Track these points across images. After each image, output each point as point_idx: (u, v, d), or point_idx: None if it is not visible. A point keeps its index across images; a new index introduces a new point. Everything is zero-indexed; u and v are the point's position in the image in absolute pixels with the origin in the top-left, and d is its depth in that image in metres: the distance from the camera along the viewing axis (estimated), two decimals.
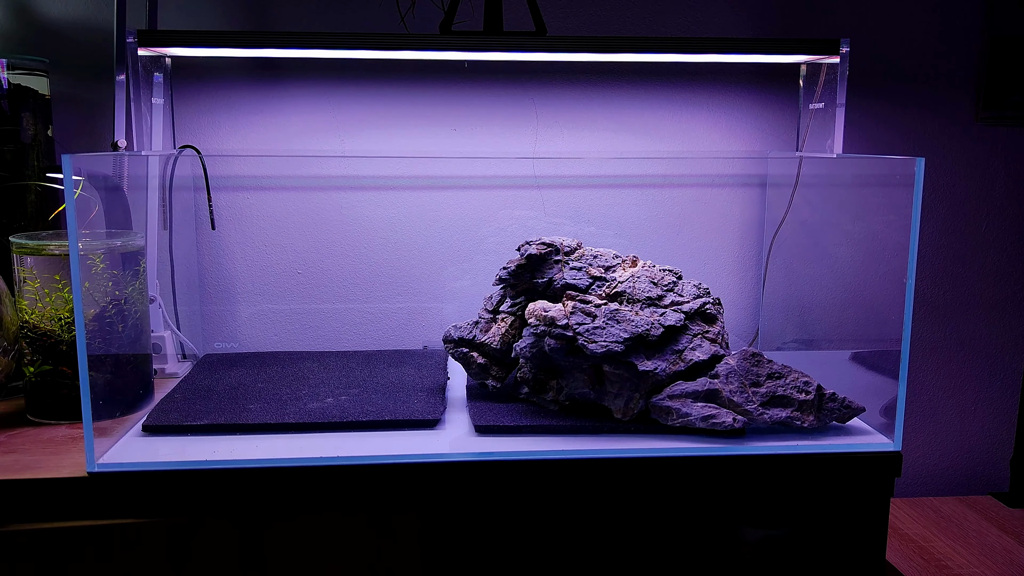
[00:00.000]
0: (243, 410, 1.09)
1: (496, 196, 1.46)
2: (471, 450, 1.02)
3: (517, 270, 1.16)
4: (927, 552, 1.37)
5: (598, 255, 1.17)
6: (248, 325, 1.46)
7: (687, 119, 1.48)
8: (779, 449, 1.03)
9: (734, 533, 1.06)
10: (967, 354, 1.61)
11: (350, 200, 1.45)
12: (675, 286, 1.14)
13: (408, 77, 1.42)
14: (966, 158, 1.54)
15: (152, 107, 1.26)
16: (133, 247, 1.14)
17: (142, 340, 1.16)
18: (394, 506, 0.99)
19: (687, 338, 1.09)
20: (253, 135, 1.42)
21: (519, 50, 1.18)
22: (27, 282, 1.10)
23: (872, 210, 1.23)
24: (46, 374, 1.11)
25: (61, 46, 1.36)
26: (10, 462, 0.98)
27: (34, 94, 1.25)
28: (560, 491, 1.02)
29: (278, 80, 1.41)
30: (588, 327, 1.06)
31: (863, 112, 1.49)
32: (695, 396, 1.05)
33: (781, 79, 1.47)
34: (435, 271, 1.47)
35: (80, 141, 1.36)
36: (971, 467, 1.64)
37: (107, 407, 1.05)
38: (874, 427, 1.10)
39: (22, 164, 1.24)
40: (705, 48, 1.20)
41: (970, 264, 1.58)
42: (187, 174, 1.38)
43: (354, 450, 1.00)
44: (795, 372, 1.09)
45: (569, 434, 1.06)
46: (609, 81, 1.45)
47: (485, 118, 1.44)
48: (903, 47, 1.49)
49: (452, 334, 1.18)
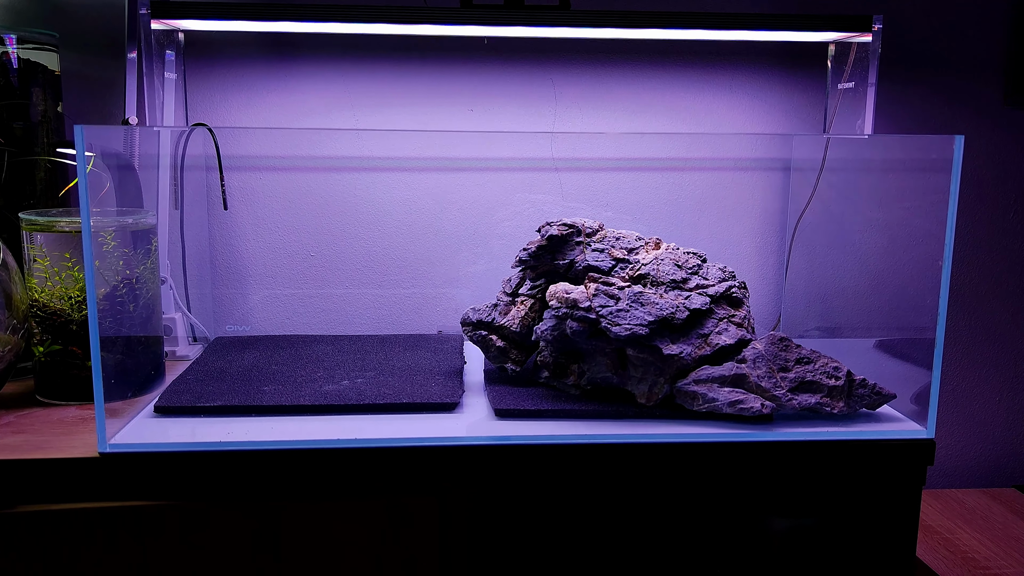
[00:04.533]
0: (257, 392, 1.07)
1: (512, 179, 1.43)
2: (491, 434, 0.99)
3: (538, 251, 1.13)
4: (952, 544, 1.34)
5: (620, 237, 1.14)
6: (260, 308, 1.44)
7: (709, 100, 1.44)
8: (808, 436, 1.00)
9: (761, 522, 1.04)
10: (991, 344, 1.58)
11: (364, 181, 1.42)
12: (700, 269, 1.11)
13: (425, 55, 1.39)
14: (993, 143, 1.51)
15: (164, 83, 1.23)
16: (145, 225, 1.11)
17: (153, 320, 1.13)
18: (412, 490, 0.97)
19: (713, 322, 1.06)
20: (266, 113, 1.39)
21: (542, 24, 1.14)
22: (37, 260, 1.08)
23: (900, 194, 1.20)
24: (56, 354, 1.09)
25: (72, 21, 1.33)
26: (19, 442, 0.96)
27: (44, 70, 1.23)
28: (582, 477, 0.99)
29: (292, 57, 1.38)
30: (611, 310, 1.03)
31: (887, 95, 1.46)
32: (722, 381, 1.02)
33: (806, 59, 1.43)
34: (450, 255, 1.44)
35: (91, 118, 1.33)
36: (996, 459, 1.61)
37: (118, 388, 1.02)
38: (904, 414, 1.07)
39: (32, 140, 1.21)
40: (736, 24, 1.16)
41: (996, 251, 1.54)
42: (199, 153, 1.35)
43: (372, 433, 0.98)
44: (824, 357, 1.06)
45: (591, 419, 1.03)
46: (629, 60, 1.42)
47: (503, 98, 1.41)
48: (930, 29, 1.45)
49: (470, 316, 1.15)
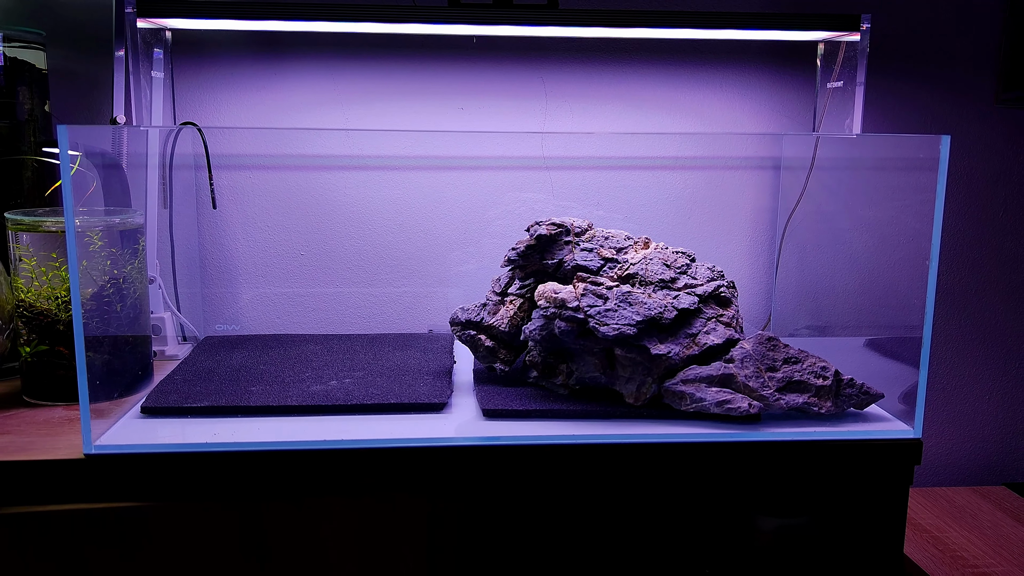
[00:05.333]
0: (245, 392, 1.06)
1: (503, 178, 1.43)
2: (479, 434, 0.99)
3: (526, 251, 1.12)
4: (941, 543, 1.34)
5: (609, 236, 1.14)
6: (249, 307, 1.43)
7: (699, 98, 1.44)
8: (796, 436, 1.00)
9: (749, 521, 1.04)
10: (982, 342, 1.58)
11: (354, 180, 1.41)
12: (688, 268, 1.11)
13: (414, 53, 1.39)
14: (984, 141, 1.51)
15: (152, 81, 1.22)
16: (132, 224, 1.11)
17: (141, 320, 1.13)
18: (400, 491, 0.97)
19: (701, 321, 1.06)
20: (255, 112, 1.38)
21: (530, 23, 1.14)
22: (23, 260, 1.07)
23: (889, 193, 1.19)
24: (42, 354, 1.08)
25: (58, 19, 1.32)
26: (5, 443, 0.95)
27: (31, 68, 1.22)
28: (570, 477, 0.99)
29: (281, 56, 1.37)
30: (600, 309, 1.03)
31: (879, 93, 1.46)
32: (709, 381, 1.02)
33: (796, 57, 1.43)
34: (441, 254, 1.44)
35: (78, 116, 1.33)
36: (985, 457, 1.61)
37: (105, 388, 1.02)
38: (892, 414, 1.07)
39: (18, 140, 1.21)
40: (723, 23, 1.16)
41: (987, 250, 1.55)
42: (187, 152, 1.34)
43: (359, 433, 0.97)
44: (812, 357, 1.06)
45: (580, 419, 1.03)
46: (620, 59, 1.42)
47: (493, 97, 1.41)
48: (921, 26, 1.45)
49: (459, 316, 1.15)
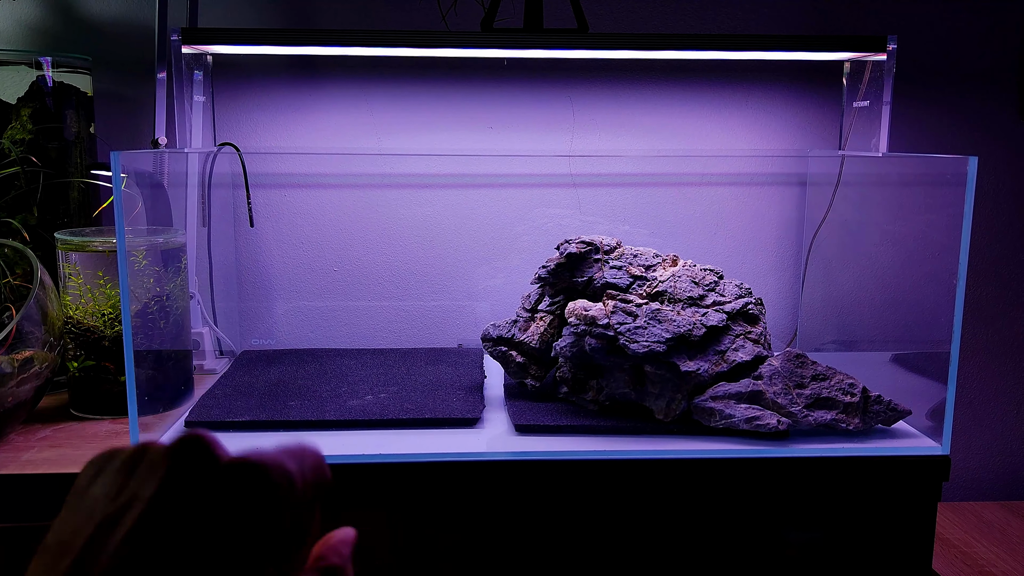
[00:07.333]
0: (284, 407, 1.10)
1: (531, 195, 1.46)
2: (511, 449, 1.02)
3: (556, 268, 1.15)
4: (970, 558, 1.34)
5: (638, 254, 1.16)
6: (284, 321, 1.47)
7: (725, 117, 1.46)
8: (824, 452, 1.01)
9: (777, 537, 1.05)
10: (1009, 357, 1.58)
11: (386, 198, 1.45)
12: (716, 286, 1.13)
13: (445, 75, 1.42)
14: (1009, 157, 1.51)
15: (193, 104, 1.26)
16: (175, 244, 1.14)
17: (183, 336, 1.16)
18: (434, 504, 0.99)
19: (729, 338, 1.08)
20: (291, 133, 1.42)
21: (561, 47, 1.17)
22: (71, 278, 1.11)
23: (916, 210, 1.21)
24: (89, 369, 1.12)
25: (103, 44, 1.37)
26: (56, 456, 0.99)
27: (77, 92, 1.26)
28: (601, 492, 1.01)
29: (316, 79, 1.41)
30: (629, 327, 1.05)
31: (903, 111, 1.47)
32: (738, 397, 1.04)
33: (821, 76, 1.45)
34: (469, 269, 1.47)
35: (122, 138, 1.38)
36: (1014, 472, 1.61)
37: (150, 403, 1.05)
38: (919, 430, 1.08)
39: (66, 161, 1.25)
40: (750, 45, 1.18)
41: (1013, 265, 1.55)
42: (226, 171, 1.39)
43: (395, 447, 1.00)
44: (840, 374, 1.07)
45: (610, 434, 1.05)
46: (646, 79, 1.44)
47: (522, 116, 1.44)
48: (944, 45, 1.47)
49: (491, 332, 1.18)
